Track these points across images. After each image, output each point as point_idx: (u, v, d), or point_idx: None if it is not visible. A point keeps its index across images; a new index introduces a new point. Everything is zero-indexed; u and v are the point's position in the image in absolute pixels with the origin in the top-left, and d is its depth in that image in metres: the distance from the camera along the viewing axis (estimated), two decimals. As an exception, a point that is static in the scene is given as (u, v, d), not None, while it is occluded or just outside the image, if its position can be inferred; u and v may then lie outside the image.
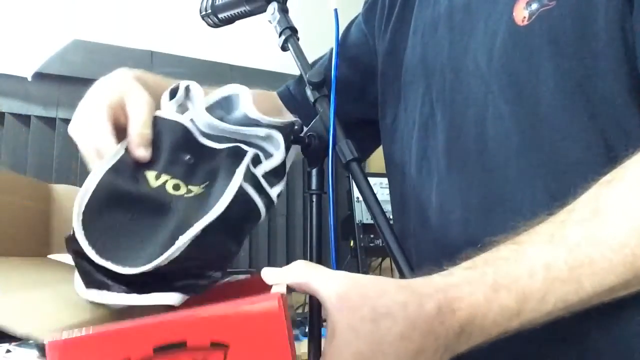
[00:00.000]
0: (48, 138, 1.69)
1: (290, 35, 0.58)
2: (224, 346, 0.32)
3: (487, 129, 0.50)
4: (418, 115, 0.60)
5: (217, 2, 0.64)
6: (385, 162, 0.69)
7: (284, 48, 0.59)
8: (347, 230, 1.75)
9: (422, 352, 0.34)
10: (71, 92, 1.70)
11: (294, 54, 0.58)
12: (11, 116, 1.66)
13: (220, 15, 0.65)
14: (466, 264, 0.39)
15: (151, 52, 1.81)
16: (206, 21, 0.67)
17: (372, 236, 1.68)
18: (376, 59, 0.71)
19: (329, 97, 0.53)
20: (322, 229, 0.51)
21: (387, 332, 0.34)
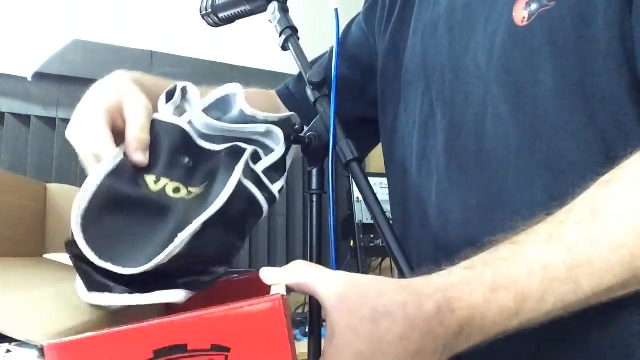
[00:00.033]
0: (48, 138, 1.69)
1: (290, 34, 0.58)
2: (225, 349, 0.32)
3: (486, 129, 0.50)
4: (418, 115, 0.60)
5: (218, 2, 0.64)
6: (385, 162, 0.69)
7: (284, 48, 0.59)
8: (347, 230, 1.75)
9: (422, 352, 0.34)
10: (71, 92, 1.70)
11: (294, 53, 0.58)
12: (11, 116, 1.66)
13: (221, 15, 0.65)
14: (465, 264, 0.39)
15: (151, 52, 1.81)
16: (206, 21, 0.67)
17: (372, 236, 1.68)
18: (376, 58, 0.71)
19: (329, 96, 0.53)
20: (322, 229, 0.51)
21: (386, 332, 0.34)
